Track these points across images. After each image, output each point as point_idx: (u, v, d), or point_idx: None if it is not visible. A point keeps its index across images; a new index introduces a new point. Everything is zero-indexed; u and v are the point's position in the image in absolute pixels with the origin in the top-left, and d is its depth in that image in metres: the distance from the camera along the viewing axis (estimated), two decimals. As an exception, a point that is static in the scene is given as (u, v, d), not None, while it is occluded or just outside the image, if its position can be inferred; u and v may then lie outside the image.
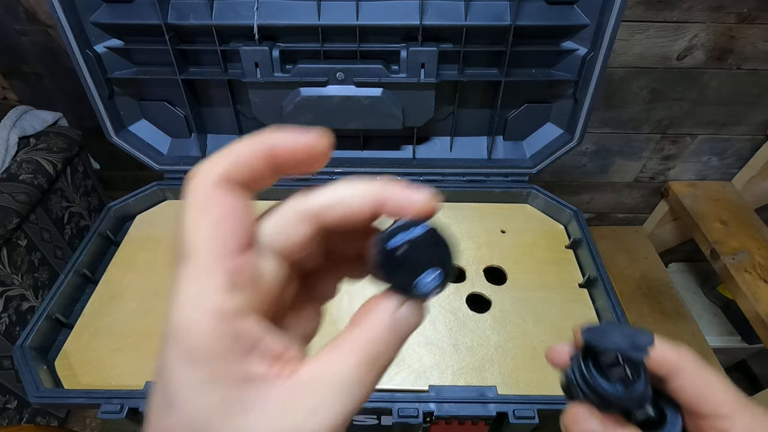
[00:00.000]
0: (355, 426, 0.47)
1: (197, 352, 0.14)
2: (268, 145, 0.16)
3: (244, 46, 0.53)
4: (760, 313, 0.87)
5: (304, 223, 0.16)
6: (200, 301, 0.14)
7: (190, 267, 0.15)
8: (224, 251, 0.15)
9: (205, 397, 0.14)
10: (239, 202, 0.15)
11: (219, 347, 0.14)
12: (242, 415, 0.14)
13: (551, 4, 0.51)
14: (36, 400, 0.40)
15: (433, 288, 0.17)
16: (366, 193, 0.16)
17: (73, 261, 0.51)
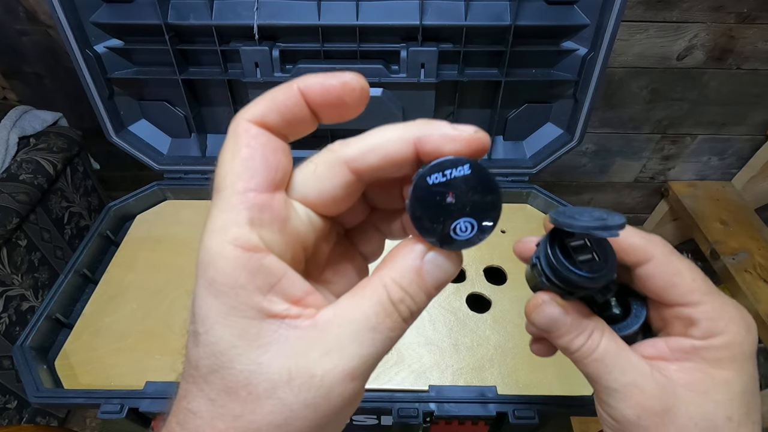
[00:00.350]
0: (354, 426, 0.47)
1: (218, 282, 0.14)
2: (302, 86, 0.16)
3: (244, 46, 0.53)
4: (760, 313, 0.87)
5: (339, 171, 0.16)
6: (223, 233, 0.15)
7: (218, 200, 0.15)
8: (249, 188, 0.15)
9: (225, 328, 0.14)
10: (270, 144, 0.15)
11: (238, 278, 0.14)
12: (259, 350, 0.14)
13: (551, 4, 0.51)
14: (36, 400, 0.40)
15: (468, 238, 0.16)
16: (404, 134, 0.15)
17: (73, 261, 0.51)
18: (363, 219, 0.19)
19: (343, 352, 0.15)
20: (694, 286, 0.19)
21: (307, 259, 0.17)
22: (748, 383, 0.19)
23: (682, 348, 0.19)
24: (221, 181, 0.15)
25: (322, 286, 0.18)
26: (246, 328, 0.14)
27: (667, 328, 0.20)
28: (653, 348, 0.20)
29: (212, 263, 0.15)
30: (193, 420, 0.15)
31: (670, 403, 0.19)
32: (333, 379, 0.15)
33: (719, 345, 0.19)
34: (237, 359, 0.14)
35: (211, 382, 0.15)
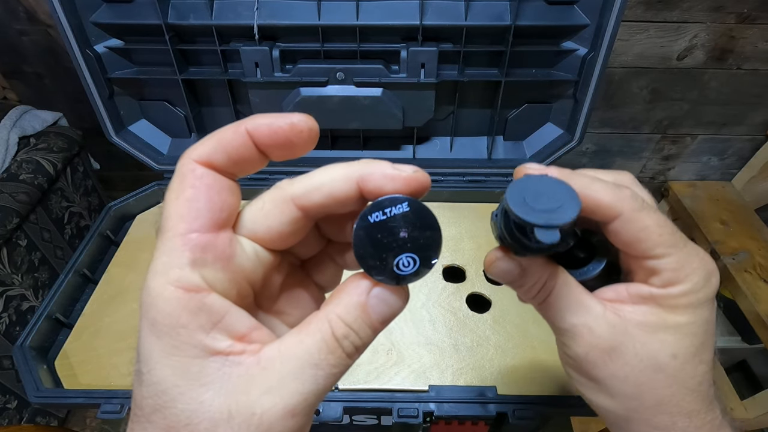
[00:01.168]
0: (354, 426, 0.47)
1: (160, 323, 0.14)
2: (249, 127, 0.16)
3: (244, 46, 0.53)
4: (760, 313, 0.87)
5: (286, 208, 0.16)
6: (164, 274, 0.15)
7: (161, 242, 0.15)
8: (192, 228, 0.15)
9: (167, 368, 0.14)
10: (216, 184, 0.16)
11: (179, 318, 0.14)
12: (201, 389, 0.14)
13: (551, 4, 0.51)
14: (36, 400, 0.40)
15: (408, 274, 0.16)
16: (347, 174, 0.16)
17: (73, 261, 0.51)
18: (318, 251, 0.19)
19: (283, 390, 0.15)
20: (660, 241, 0.19)
21: (257, 292, 0.17)
22: (701, 326, 0.20)
23: (640, 294, 0.20)
24: (165, 222, 0.15)
25: (275, 318, 0.19)
26: (188, 367, 0.14)
27: (632, 275, 0.21)
28: (614, 292, 0.21)
29: (154, 304, 0.15)
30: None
31: (619, 341, 0.20)
32: (272, 417, 0.15)
33: (676, 294, 0.19)
34: (179, 398, 0.14)
35: (154, 422, 0.15)
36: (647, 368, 0.20)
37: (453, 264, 0.54)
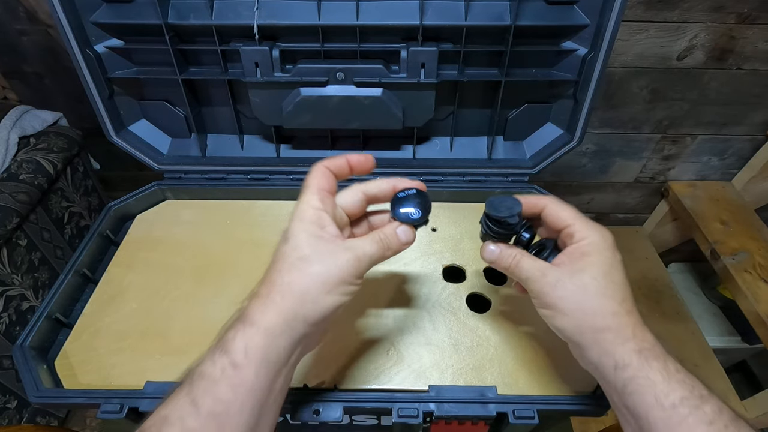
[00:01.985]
0: (354, 426, 0.47)
1: (303, 219, 0.32)
2: (349, 159, 0.36)
3: (244, 46, 0.53)
4: (760, 313, 0.87)
5: (357, 194, 0.36)
6: (307, 202, 0.33)
7: (305, 191, 0.34)
8: (320, 188, 0.34)
9: (304, 236, 0.31)
10: (329, 175, 0.35)
11: (312, 219, 0.32)
12: (317, 246, 0.31)
13: (551, 4, 0.51)
14: (36, 400, 0.40)
15: (416, 218, 0.36)
16: (388, 182, 0.37)
17: (73, 261, 0.51)
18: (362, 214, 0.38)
19: (346, 260, 0.31)
20: (570, 217, 0.36)
21: (341, 227, 0.34)
22: (605, 260, 0.34)
23: (568, 252, 0.35)
24: (307, 183, 0.34)
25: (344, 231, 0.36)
26: (314, 236, 0.31)
27: (564, 245, 0.36)
28: (558, 259, 0.35)
29: (303, 211, 0.32)
30: (277, 275, 0.31)
31: (560, 278, 0.34)
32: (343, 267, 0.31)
33: (584, 243, 0.34)
34: (307, 249, 0.31)
35: (293, 260, 0.31)
36: (579, 289, 0.33)
37: (453, 264, 0.54)
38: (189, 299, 0.50)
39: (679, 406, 0.28)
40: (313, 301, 0.30)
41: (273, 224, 0.59)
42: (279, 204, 0.62)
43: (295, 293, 0.29)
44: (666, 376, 0.29)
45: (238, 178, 0.62)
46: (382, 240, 0.33)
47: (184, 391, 0.27)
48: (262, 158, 0.63)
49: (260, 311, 0.29)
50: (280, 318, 0.29)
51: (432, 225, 0.59)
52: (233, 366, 0.27)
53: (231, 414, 0.26)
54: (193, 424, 0.25)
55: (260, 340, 0.28)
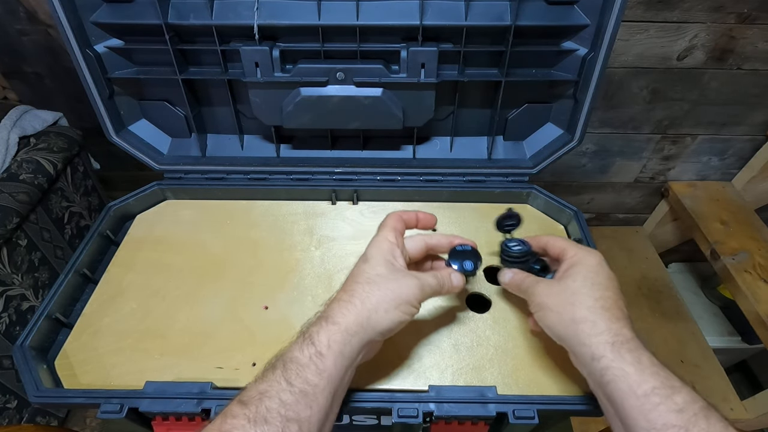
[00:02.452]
0: (354, 426, 0.47)
1: (381, 248, 0.40)
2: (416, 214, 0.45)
3: (244, 46, 0.53)
4: (760, 313, 0.87)
5: (420, 244, 0.43)
6: (385, 236, 0.41)
7: (384, 228, 0.42)
8: (395, 228, 0.42)
9: (381, 259, 0.39)
10: (402, 222, 0.43)
11: (387, 249, 0.40)
12: (391, 269, 0.38)
13: (551, 4, 0.51)
14: (36, 400, 0.40)
15: (470, 269, 0.43)
16: (446, 238, 0.44)
17: (73, 261, 0.51)
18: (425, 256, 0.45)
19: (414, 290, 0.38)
20: (565, 242, 0.43)
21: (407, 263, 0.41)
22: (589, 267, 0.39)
23: (561, 267, 0.42)
24: (384, 223, 0.43)
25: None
26: (387, 264, 0.39)
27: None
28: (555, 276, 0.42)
29: (380, 242, 0.40)
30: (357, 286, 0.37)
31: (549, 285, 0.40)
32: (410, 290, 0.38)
33: (573, 258, 0.41)
34: (381, 268, 0.38)
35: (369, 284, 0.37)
36: (562, 289, 0.39)
37: (453, 264, 0.54)
38: (189, 299, 0.50)
39: (651, 395, 0.31)
40: (385, 312, 0.36)
41: (273, 224, 0.59)
42: (279, 204, 0.62)
43: (371, 302, 0.36)
44: (639, 367, 0.32)
45: (238, 178, 0.62)
46: (439, 278, 0.41)
47: (278, 371, 0.32)
48: (262, 158, 0.63)
49: (342, 313, 0.35)
50: (356, 321, 0.35)
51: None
52: (318, 355, 0.33)
53: (316, 394, 0.32)
54: (289, 399, 0.31)
55: (339, 337, 0.34)
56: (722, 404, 0.98)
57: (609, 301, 0.37)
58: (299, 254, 0.55)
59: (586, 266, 0.39)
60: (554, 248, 0.43)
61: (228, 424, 0.29)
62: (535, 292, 0.41)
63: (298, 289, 0.51)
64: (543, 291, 0.40)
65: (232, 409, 0.30)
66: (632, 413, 0.31)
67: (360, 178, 0.62)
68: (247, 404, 0.30)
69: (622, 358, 0.33)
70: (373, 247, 0.40)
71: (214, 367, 0.44)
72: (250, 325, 0.48)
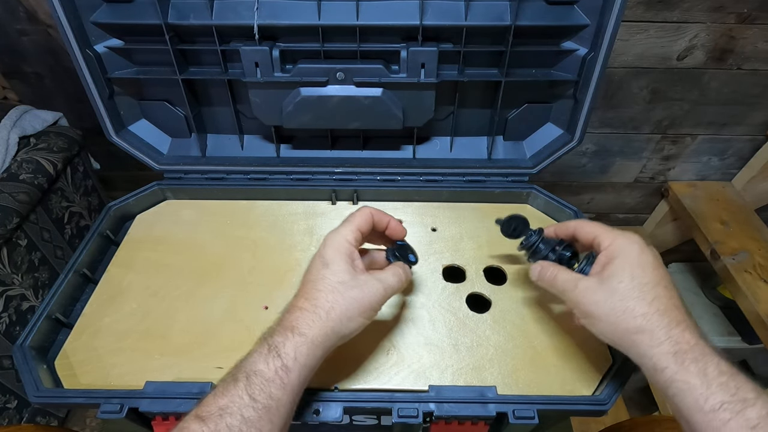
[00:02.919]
0: (354, 426, 0.47)
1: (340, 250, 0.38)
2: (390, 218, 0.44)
3: (244, 46, 0.53)
4: (760, 313, 0.87)
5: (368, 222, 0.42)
6: (345, 235, 0.39)
7: (347, 223, 0.40)
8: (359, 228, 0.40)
9: (343, 265, 0.38)
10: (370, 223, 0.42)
11: (347, 252, 0.39)
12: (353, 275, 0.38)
13: (551, 4, 0.51)
14: (36, 400, 0.40)
15: (414, 260, 0.45)
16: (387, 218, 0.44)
17: (73, 261, 0.51)
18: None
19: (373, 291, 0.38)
20: (595, 227, 0.40)
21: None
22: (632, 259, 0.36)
23: (599, 260, 0.39)
24: (351, 218, 0.41)
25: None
26: (348, 271, 0.37)
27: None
28: (593, 269, 0.39)
29: (339, 242, 0.39)
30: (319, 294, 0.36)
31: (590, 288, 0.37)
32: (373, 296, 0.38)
33: (611, 248, 0.38)
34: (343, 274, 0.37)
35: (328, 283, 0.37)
36: (608, 294, 0.35)
37: (453, 264, 0.54)
38: (189, 299, 0.50)
39: (719, 410, 0.28)
40: (349, 320, 0.36)
41: (273, 224, 0.59)
42: (279, 204, 0.62)
43: (336, 313, 0.36)
44: (705, 380, 0.30)
45: (238, 178, 0.62)
46: (399, 275, 0.41)
47: (241, 384, 0.31)
48: (262, 158, 0.63)
49: (307, 324, 0.34)
50: (322, 332, 0.35)
51: (432, 225, 0.59)
52: (285, 369, 0.32)
53: (279, 408, 0.31)
54: (252, 415, 0.29)
55: (305, 349, 0.34)
56: (722, 404, 0.98)
57: (664, 301, 0.34)
58: (299, 254, 0.55)
59: (629, 259, 0.36)
60: (585, 236, 0.40)
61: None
62: (578, 299, 0.37)
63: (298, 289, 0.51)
64: (587, 297, 0.36)
65: (189, 425, 0.29)
66: (701, 428, 0.29)
67: (360, 178, 0.62)
68: (206, 420, 0.29)
69: (687, 370, 0.31)
70: (332, 247, 0.38)
71: (214, 367, 0.44)
72: (250, 325, 0.48)
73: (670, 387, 0.31)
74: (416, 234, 0.58)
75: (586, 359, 0.44)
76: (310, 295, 0.36)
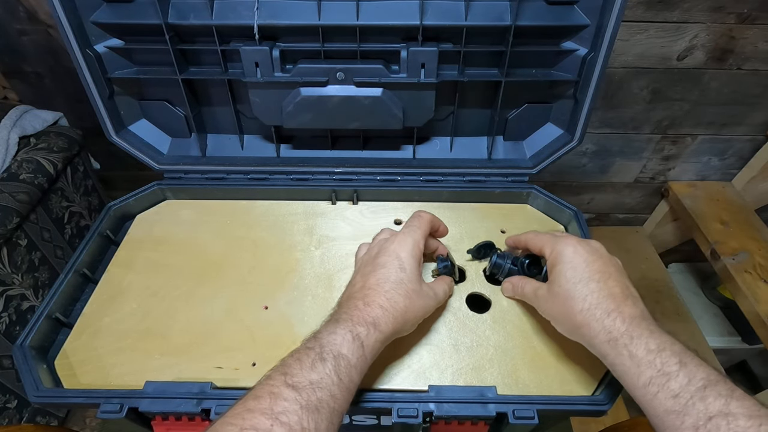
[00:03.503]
0: (354, 426, 0.47)
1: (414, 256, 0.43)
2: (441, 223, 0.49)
3: (244, 46, 0.53)
4: (760, 314, 0.87)
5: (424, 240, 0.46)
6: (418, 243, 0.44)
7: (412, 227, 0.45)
8: (425, 234, 0.46)
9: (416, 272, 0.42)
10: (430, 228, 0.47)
11: (419, 258, 0.43)
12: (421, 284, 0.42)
13: (551, 4, 0.51)
14: (36, 400, 0.40)
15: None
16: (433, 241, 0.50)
17: (73, 260, 0.51)
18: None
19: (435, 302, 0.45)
20: (542, 238, 0.44)
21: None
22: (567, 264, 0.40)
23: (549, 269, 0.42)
24: (419, 224, 0.46)
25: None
26: (419, 279, 0.42)
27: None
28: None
29: (414, 249, 0.43)
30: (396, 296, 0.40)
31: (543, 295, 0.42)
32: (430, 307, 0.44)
33: (552, 256, 0.41)
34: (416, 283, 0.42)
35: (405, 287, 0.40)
36: (554, 297, 0.40)
37: (453, 264, 0.54)
38: (189, 299, 0.50)
39: (649, 386, 0.32)
40: (411, 325, 0.42)
41: (273, 224, 0.59)
42: (279, 204, 0.62)
43: (407, 317, 0.40)
44: (635, 360, 0.34)
45: (238, 178, 0.62)
46: (446, 291, 0.47)
47: (329, 365, 0.34)
48: (262, 158, 0.63)
49: (386, 322, 0.38)
50: (393, 331, 0.39)
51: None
52: (364, 358, 0.36)
53: (352, 390, 0.35)
54: (338, 394, 0.33)
55: (380, 345, 0.38)
56: (722, 404, 0.98)
57: (596, 295, 0.37)
58: (299, 254, 0.55)
59: (564, 263, 0.40)
60: (534, 248, 0.45)
61: (280, 406, 0.30)
62: (538, 306, 0.43)
63: (298, 289, 0.51)
64: (543, 305, 0.42)
65: (282, 391, 0.31)
66: (642, 404, 0.34)
67: (360, 178, 0.62)
68: (299, 390, 0.31)
69: (620, 354, 0.35)
70: (407, 252, 0.42)
71: (214, 367, 0.44)
72: (250, 325, 0.48)
73: (614, 371, 0.36)
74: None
75: (585, 359, 0.44)
76: (390, 296, 0.39)
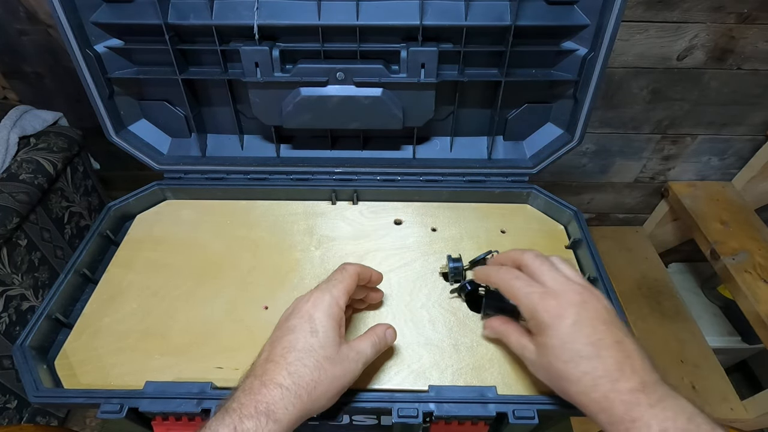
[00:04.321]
0: (354, 426, 0.47)
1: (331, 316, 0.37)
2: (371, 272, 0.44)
3: (244, 46, 0.53)
4: (760, 314, 0.87)
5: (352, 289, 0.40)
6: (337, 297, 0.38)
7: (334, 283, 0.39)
8: (348, 291, 0.39)
9: (331, 336, 0.36)
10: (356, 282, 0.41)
11: (337, 319, 0.37)
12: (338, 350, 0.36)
13: (551, 4, 0.51)
14: (36, 400, 0.40)
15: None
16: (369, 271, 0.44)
17: (73, 261, 0.51)
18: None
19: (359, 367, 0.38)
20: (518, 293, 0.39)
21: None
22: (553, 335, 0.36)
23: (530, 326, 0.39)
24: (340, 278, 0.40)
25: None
26: (335, 344, 0.36)
27: None
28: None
29: (331, 308, 0.37)
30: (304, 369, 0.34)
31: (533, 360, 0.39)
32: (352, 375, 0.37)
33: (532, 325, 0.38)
34: (330, 349, 0.35)
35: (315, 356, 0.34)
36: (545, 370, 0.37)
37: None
38: (189, 299, 0.50)
39: None
40: (327, 400, 0.35)
41: (273, 224, 0.59)
42: (279, 204, 0.62)
43: (317, 393, 0.33)
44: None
45: (238, 178, 0.62)
46: (376, 344, 0.39)
47: None
48: (262, 158, 0.63)
49: (286, 409, 0.31)
50: (298, 415, 0.32)
51: (432, 225, 0.59)
52: None
53: None
54: None
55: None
56: (722, 404, 0.98)
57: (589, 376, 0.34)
58: (299, 254, 0.55)
59: (551, 336, 0.36)
60: (506, 294, 0.41)
61: None
62: (528, 365, 0.40)
63: (298, 289, 0.51)
64: (530, 366, 0.39)
65: None
66: None
67: (360, 178, 0.62)
68: None
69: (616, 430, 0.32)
70: (323, 311, 0.36)
71: (214, 367, 0.44)
72: (250, 325, 0.48)
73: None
74: (416, 234, 0.58)
75: (586, 359, 0.44)
76: (293, 370, 0.33)
